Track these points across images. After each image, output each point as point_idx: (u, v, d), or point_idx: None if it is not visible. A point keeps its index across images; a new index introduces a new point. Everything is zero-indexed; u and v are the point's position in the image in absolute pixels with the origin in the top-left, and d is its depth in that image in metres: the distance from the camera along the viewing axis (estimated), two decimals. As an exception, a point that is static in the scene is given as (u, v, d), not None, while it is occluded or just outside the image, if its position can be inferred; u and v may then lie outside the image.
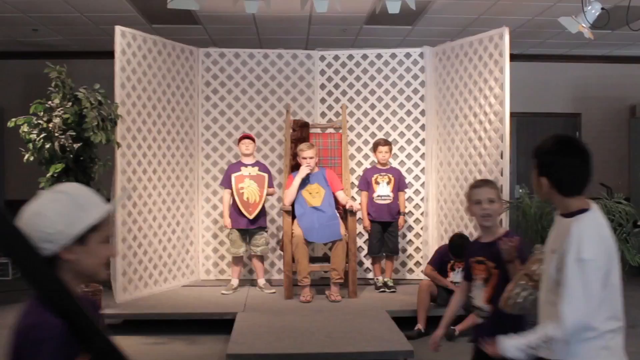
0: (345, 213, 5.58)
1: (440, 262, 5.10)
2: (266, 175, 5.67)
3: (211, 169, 6.34)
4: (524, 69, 7.57)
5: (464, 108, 5.82)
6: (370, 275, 6.36)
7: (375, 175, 5.82)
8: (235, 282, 5.75)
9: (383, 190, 5.77)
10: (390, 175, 5.82)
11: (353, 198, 6.24)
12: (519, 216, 5.21)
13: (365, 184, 5.84)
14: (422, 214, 6.38)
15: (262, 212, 5.66)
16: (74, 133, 4.88)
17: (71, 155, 4.89)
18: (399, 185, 5.86)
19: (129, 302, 5.30)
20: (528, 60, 7.88)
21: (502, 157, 5.40)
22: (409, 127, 6.40)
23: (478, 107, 5.66)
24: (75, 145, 4.86)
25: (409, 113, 6.40)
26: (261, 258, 5.81)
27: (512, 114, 5.42)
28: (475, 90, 5.70)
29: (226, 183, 5.68)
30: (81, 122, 4.89)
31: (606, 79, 8.13)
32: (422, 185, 6.38)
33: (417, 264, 6.40)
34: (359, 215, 5.76)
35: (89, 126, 4.85)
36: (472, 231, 5.67)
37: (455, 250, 4.95)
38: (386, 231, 5.81)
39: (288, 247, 5.41)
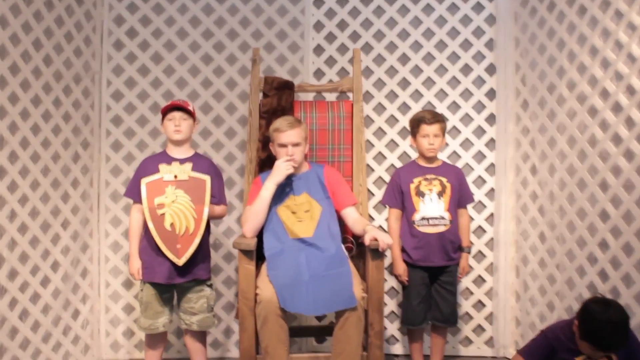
0: (362, 251, 2.94)
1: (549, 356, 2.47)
2: (207, 178, 2.97)
3: (123, 168, 3.66)
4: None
5: (581, 54, 3.14)
6: (397, 349, 3.71)
7: (416, 180, 3.15)
8: (150, 380, 3.08)
9: (432, 207, 3.10)
10: (444, 180, 3.15)
11: (370, 218, 3.58)
12: None
13: (398, 196, 3.17)
14: (488, 243, 3.72)
15: (202, 252, 2.97)
16: None
17: None
18: (460, 196, 3.19)
19: None
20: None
21: (672, 144, 2.74)
22: (466, 95, 3.74)
23: (613, 49, 2.97)
24: None
25: (467, 69, 3.73)
26: (201, 335, 3.11)
27: None
28: (607, 17, 3.01)
29: (134, 193, 3.01)
30: None
31: None
32: (490, 194, 3.72)
33: (479, 329, 3.74)
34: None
35: None
36: (595, 283, 3.01)
37: (597, 339, 2.32)
38: (436, 282, 3.15)
39: (248, 321, 2.74)
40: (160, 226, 2.87)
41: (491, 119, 3.71)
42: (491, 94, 3.71)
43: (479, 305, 3.72)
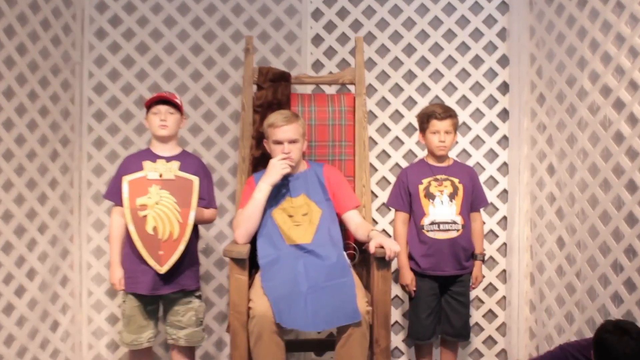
0: (365, 258, 2.68)
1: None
2: (195, 179, 2.70)
3: (106, 167, 3.40)
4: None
5: (605, 42, 2.87)
6: (402, 363, 3.47)
7: (425, 181, 2.88)
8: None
9: (443, 210, 2.84)
10: (456, 181, 2.89)
11: (374, 221, 3.32)
12: None
13: (405, 198, 2.90)
14: (500, 249, 3.46)
15: (189, 260, 2.71)
16: None
17: None
18: (474, 199, 2.93)
19: None
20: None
21: None
22: (477, 88, 3.48)
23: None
24: None
25: (477, 61, 3.47)
26: (189, 351, 2.85)
27: None
28: (635, 1, 2.73)
29: (114, 194, 2.74)
30: None
31: None
32: (502, 195, 3.46)
33: (490, 341, 3.48)
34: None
35: None
36: (620, 293, 2.74)
37: None
38: (447, 293, 2.89)
39: (240, 338, 2.47)
40: (142, 229, 2.61)
41: (504, 114, 3.45)
42: (504, 88, 3.45)
43: (490, 315, 3.46)
